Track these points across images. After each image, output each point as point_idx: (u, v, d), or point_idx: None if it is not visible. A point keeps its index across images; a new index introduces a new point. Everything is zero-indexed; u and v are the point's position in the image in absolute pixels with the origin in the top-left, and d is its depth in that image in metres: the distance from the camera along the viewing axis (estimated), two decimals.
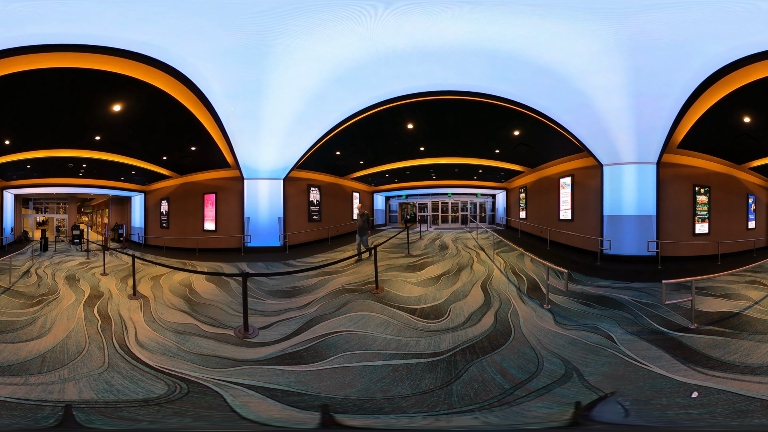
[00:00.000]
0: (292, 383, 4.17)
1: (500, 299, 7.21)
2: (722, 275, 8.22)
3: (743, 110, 9.02)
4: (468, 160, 16.72)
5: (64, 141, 12.27)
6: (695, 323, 5.90)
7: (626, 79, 7.87)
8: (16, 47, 6.22)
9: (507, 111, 9.53)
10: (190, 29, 6.20)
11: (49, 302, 7.49)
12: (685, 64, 7.03)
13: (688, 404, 3.68)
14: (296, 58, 7.42)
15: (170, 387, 4.06)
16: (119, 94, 8.59)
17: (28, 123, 10.24)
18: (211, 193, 15.36)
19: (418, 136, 13.00)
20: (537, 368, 4.47)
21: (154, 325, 6.10)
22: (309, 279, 9.15)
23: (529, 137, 12.45)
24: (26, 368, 4.47)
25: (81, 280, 9.82)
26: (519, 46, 6.98)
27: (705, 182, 12.11)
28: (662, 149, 10.52)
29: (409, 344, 5.21)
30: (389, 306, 6.84)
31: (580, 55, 7.27)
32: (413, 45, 6.99)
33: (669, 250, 11.02)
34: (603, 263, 10.99)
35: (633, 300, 7.23)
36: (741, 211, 13.35)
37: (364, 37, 6.78)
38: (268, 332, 5.79)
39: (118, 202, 22.11)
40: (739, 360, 4.60)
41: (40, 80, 7.39)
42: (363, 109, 9.57)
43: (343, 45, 7.06)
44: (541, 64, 7.46)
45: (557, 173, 14.64)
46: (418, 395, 3.89)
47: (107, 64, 7.05)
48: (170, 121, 10.15)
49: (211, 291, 8.33)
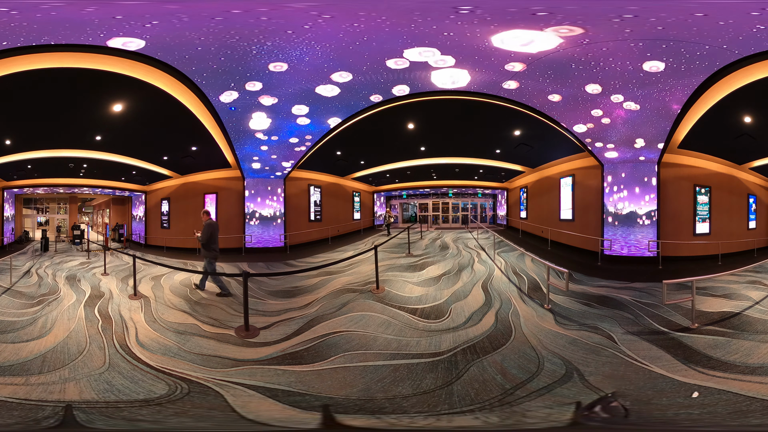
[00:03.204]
0: (293, 383, 4.18)
1: (501, 299, 7.21)
2: (723, 275, 8.21)
3: (744, 110, 9.01)
4: (469, 160, 16.71)
5: (64, 141, 12.27)
6: (696, 323, 5.90)
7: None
8: (16, 47, 6.22)
9: (507, 111, 9.53)
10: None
11: (49, 302, 7.49)
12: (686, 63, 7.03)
13: (689, 404, 3.68)
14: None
15: (171, 387, 4.06)
16: (119, 94, 8.59)
17: (28, 123, 10.25)
18: (211, 193, 15.38)
19: (418, 136, 13.00)
20: (537, 368, 4.47)
21: (155, 325, 6.11)
22: (310, 279, 9.15)
23: (530, 137, 12.45)
24: (27, 368, 4.47)
25: (82, 280, 9.83)
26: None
27: (706, 182, 12.11)
28: (663, 149, 10.53)
29: (409, 344, 5.21)
30: (390, 306, 6.84)
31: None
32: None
33: (670, 250, 11.02)
34: (604, 263, 10.99)
35: (633, 300, 7.23)
36: (742, 211, 13.34)
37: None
38: (268, 332, 5.79)
39: (118, 202, 22.13)
40: (740, 360, 4.60)
41: (40, 80, 7.39)
42: (363, 108, 9.58)
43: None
44: (541, 64, 7.45)
45: (558, 173, 14.64)
46: (418, 395, 3.89)
47: (107, 64, 7.05)
48: (170, 120, 10.16)
49: (211, 291, 8.33)
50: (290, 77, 7.80)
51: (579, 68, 7.27)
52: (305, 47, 6.69)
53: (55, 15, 5.45)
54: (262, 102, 8.85)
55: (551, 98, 8.80)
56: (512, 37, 6.24)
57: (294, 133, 10.98)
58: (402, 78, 7.99)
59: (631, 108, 8.78)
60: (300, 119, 10.03)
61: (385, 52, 6.94)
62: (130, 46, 6.38)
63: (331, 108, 9.50)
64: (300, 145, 12.00)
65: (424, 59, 7.16)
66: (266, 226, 14.34)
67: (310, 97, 8.82)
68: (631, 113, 9.02)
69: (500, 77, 7.92)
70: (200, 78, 7.67)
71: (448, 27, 5.96)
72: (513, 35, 6.17)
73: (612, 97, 8.38)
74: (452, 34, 6.16)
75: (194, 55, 6.85)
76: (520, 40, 6.31)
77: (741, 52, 6.51)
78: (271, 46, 6.61)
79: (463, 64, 7.37)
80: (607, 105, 8.76)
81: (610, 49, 6.55)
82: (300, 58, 7.03)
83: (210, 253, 8.04)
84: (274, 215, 14.46)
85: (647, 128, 9.65)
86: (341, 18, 5.86)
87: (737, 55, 6.60)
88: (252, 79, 7.78)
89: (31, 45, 6.22)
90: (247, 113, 9.47)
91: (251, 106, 9.09)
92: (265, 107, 9.16)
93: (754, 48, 6.34)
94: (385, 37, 6.35)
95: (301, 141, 11.63)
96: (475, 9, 5.35)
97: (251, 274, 7.22)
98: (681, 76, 7.35)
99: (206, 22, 5.85)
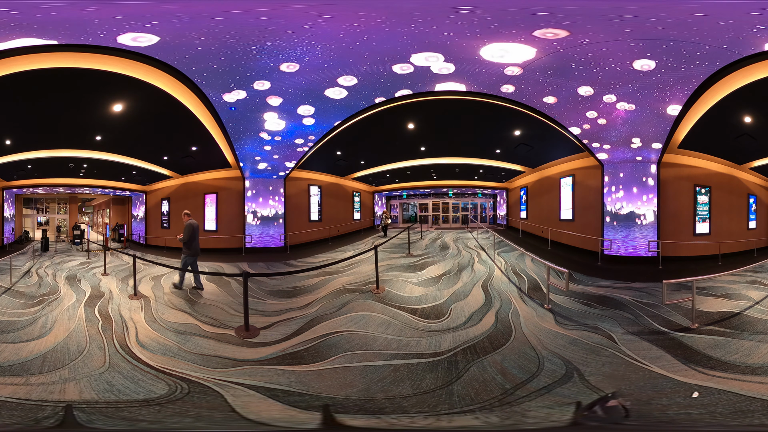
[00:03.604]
0: (293, 383, 4.18)
1: (501, 299, 7.21)
2: (723, 275, 8.21)
3: (744, 110, 9.01)
4: (469, 160, 16.70)
5: (64, 141, 12.27)
6: (696, 323, 5.90)
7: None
8: (16, 47, 6.22)
9: (507, 111, 9.53)
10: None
11: (49, 302, 7.49)
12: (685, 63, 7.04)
13: (689, 404, 3.68)
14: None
15: (171, 387, 4.06)
16: (119, 94, 8.59)
17: (28, 123, 10.24)
18: (212, 193, 15.37)
19: (418, 136, 13.00)
20: (538, 368, 4.47)
21: (155, 325, 6.10)
22: (310, 279, 9.15)
23: (530, 137, 12.45)
24: (27, 368, 4.47)
25: (82, 280, 9.83)
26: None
27: (706, 182, 12.11)
28: (663, 149, 10.53)
29: (410, 344, 5.21)
30: (390, 306, 6.84)
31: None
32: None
33: (670, 250, 11.02)
34: (604, 263, 10.99)
35: (634, 300, 7.23)
36: (742, 211, 13.34)
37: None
38: (269, 332, 5.79)
39: (118, 202, 22.12)
40: (740, 360, 4.60)
41: (40, 80, 7.39)
42: (364, 108, 9.58)
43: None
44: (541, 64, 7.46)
45: (558, 173, 14.64)
46: (419, 395, 3.89)
47: (107, 64, 7.05)
48: (171, 120, 10.16)
49: (211, 291, 8.33)
50: (290, 77, 7.81)
51: (579, 68, 7.27)
52: (305, 47, 6.69)
53: (55, 15, 5.45)
54: (265, 102, 8.86)
55: (551, 98, 8.80)
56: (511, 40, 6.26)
57: (294, 133, 10.98)
58: (402, 79, 8.01)
59: (631, 108, 8.79)
60: (301, 119, 10.04)
61: (385, 53, 6.95)
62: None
63: (331, 108, 9.51)
64: (300, 146, 12.00)
65: (428, 64, 7.21)
66: (266, 226, 14.33)
67: (310, 97, 8.83)
68: (631, 113, 9.02)
69: (500, 77, 7.92)
70: (200, 78, 7.68)
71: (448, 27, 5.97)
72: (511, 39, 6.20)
73: (612, 97, 8.38)
74: (452, 34, 6.16)
75: (194, 55, 6.86)
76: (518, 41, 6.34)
77: (741, 52, 6.51)
78: (271, 46, 6.61)
79: (463, 64, 7.39)
80: (607, 105, 8.77)
81: (610, 49, 6.55)
82: (300, 58, 7.04)
83: (189, 251, 8.38)
84: (274, 215, 14.46)
85: (647, 128, 9.65)
86: (341, 18, 5.87)
87: (737, 55, 6.60)
88: (252, 79, 7.78)
89: (31, 45, 6.22)
90: (247, 113, 9.47)
91: (251, 106, 9.09)
92: (265, 107, 9.17)
93: (754, 48, 6.35)
94: (384, 36, 6.35)
95: (301, 141, 11.63)
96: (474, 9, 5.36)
97: (251, 274, 7.22)
98: (681, 76, 7.35)
99: (206, 22, 5.85)
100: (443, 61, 7.19)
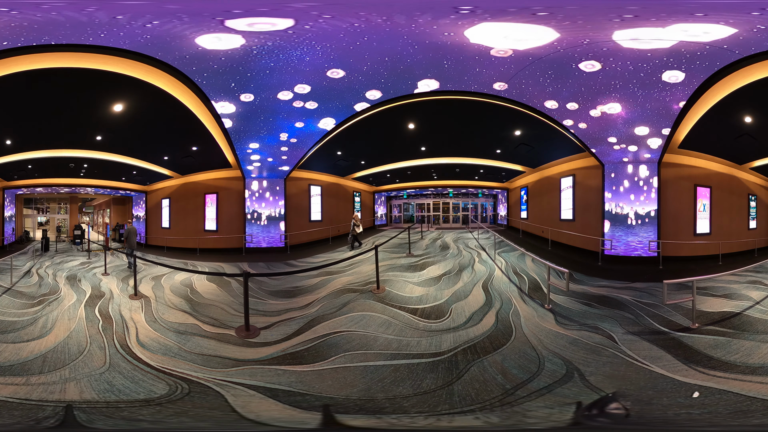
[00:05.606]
0: (294, 383, 4.18)
1: (501, 299, 7.21)
2: (723, 275, 8.21)
3: (744, 110, 9.01)
4: (469, 160, 16.71)
5: (64, 141, 12.27)
6: (696, 323, 5.90)
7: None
8: (16, 47, 6.22)
9: (508, 110, 9.53)
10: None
11: (50, 302, 7.49)
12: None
13: (689, 404, 3.67)
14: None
15: (171, 387, 4.06)
16: (120, 93, 8.59)
17: (28, 123, 10.24)
18: (212, 193, 15.37)
19: (419, 136, 13.00)
20: (538, 368, 4.47)
21: (156, 325, 6.11)
22: (310, 279, 9.15)
23: (531, 137, 12.45)
24: (27, 368, 4.48)
25: (82, 280, 9.83)
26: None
27: (706, 182, 12.10)
28: (663, 149, 10.52)
29: (410, 344, 5.21)
30: (390, 306, 6.84)
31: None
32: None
33: (670, 250, 11.02)
34: (604, 263, 10.98)
35: (634, 300, 7.23)
36: (742, 211, 13.33)
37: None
38: (269, 332, 5.79)
39: (119, 202, 22.12)
40: (740, 360, 4.60)
41: (40, 80, 7.39)
42: (364, 108, 9.58)
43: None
44: (541, 64, 7.47)
45: (558, 173, 14.63)
46: (419, 395, 3.89)
47: (107, 64, 7.05)
48: (171, 120, 10.16)
49: (212, 291, 8.34)
50: (290, 77, 7.81)
51: (579, 68, 7.27)
52: (306, 47, 6.69)
53: (55, 15, 5.45)
54: (265, 102, 8.86)
55: (551, 98, 8.80)
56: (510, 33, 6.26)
57: (295, 133, 10.98)
58: (403, 80, 8.02)
59: (632, 108, 8.78)
60: (301, 120, 10.04)
61: (385, 53, 6.94)
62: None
63: (331, 108, 9.51)
64: (301, 146, 12.00)
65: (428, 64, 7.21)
66: (266, 226, 14.33)
67: (310, 97, 8.82)
68: (632, 113, 9.01)
69: (500, 78, 7.93)
70: (200, 78, 7.68)
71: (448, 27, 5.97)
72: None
73: (612, 97, 8.38)
74: (452, 34, 6.16)
75: (194, 55, 6.86)
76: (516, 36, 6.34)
77: (741, 52, 6.51)
78: (271, 47, 6.61)
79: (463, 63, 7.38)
80: (607, 105, 8.76)
81: (610, 49, 6.55)
82: (300, 58, 7.04)
83: (128, 245, 11.40)
84: (275, 215, 14.46)
85: (647, 128, 9.64)
86: (341, 18, 5.87)
87: (737, 55, 6.60)
88: (252, 79, 7.78)
89: (31, 45, 6.23)
90: (247, 113, 9.47)
91: (252, 106, 9.09)
92: (265, 107, 9.17)
93: (754, 48, 6.34)
94: (384, 36, 6.35)
95: (302, 141, 11.63)
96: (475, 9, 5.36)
97: (252, 274, 7.23)
98: (681, 76, 7.35)
99: (206, 22, 5.85)
100: (443, 61, 7.17)
